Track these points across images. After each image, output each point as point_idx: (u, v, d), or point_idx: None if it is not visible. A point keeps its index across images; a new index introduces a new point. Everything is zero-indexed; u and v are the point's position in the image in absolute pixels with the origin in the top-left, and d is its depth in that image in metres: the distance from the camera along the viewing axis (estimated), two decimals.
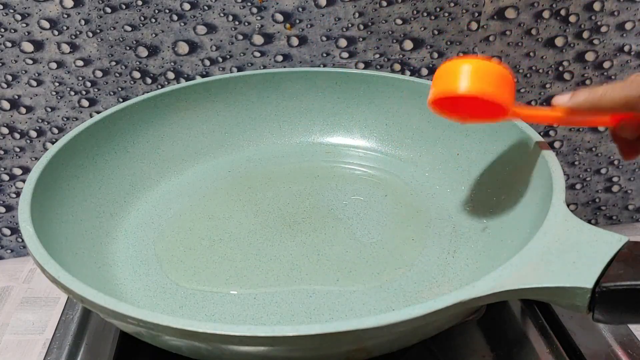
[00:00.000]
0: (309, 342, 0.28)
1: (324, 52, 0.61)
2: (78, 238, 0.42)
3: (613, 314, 0.30)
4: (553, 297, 0.30)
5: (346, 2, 0.59)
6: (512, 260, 0.31)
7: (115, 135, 0.49)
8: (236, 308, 0.39)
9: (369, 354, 0.33)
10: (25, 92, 0.60)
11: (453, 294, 0.29)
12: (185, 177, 0.52)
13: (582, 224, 0.33)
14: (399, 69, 0.63)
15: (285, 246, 0.44)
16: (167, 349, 0.33)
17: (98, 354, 0.40)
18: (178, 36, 0.59)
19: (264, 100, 0.56)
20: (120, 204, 0.47)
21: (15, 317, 0.59)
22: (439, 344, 0.40)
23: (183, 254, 0.44)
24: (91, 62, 0.59)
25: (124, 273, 0.42)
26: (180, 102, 0.54)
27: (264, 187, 0.51)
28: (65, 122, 0.62)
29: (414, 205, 0.48)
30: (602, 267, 0.30)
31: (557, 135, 0.67)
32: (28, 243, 0.35)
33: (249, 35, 0.59)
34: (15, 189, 0.66)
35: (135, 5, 0.57)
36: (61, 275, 0.32)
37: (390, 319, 0.28)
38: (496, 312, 0.42)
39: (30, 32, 0.57)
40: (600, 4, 0.61)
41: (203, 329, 0.28)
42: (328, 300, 0.39)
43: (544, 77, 0.64)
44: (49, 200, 0.41)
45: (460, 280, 0.40)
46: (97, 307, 0.30)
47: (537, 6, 0.60)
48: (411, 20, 0.60)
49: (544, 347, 0.40)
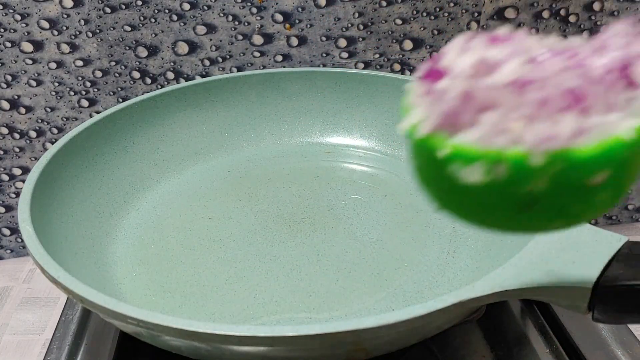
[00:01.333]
0: (308, 342, 0.28)
1: (323, 52, 0.61)
2: (78, 238, 0.42)
3: (613, 313, 0.30)
4: (553, 297, 0.30)
5: (346, 2, 0.58)
6: (512, 260, 0.31)
7: (115, 136, 0.49)
8: (236, 308, 0.39)
9: (369, 354, 0.33)
10: (25, 92, 0.60)
11: (453, 294, 0.29)
12: (184, 177, 0.52)
13: (582, 224, 0.33)
14: (399, 69, 0.63)
15: (285, 246, 0.44)
16: (167, 349, 0.33)
17: (98, 354, 0.40)
18: (178, 36, 0.59)
19: (263, 100, 0.56)
20: (119, 204, 0.47)
21: (15, 317, 0.59)
22: (438, 344, 0.40)
23: (183, 254, 0.44)
24: (91, 62, 0.59)
25: (124, 273, 0.42)
26: (180, 102, 0.54)
27: (264, 187, 0.51)
28: (64, 122, 0.62)
29: (414, 205, 0.48)
30: (602, 267, 0.30)
31: None
32: (28, 243, 0.35)
33: (248, 36, 0.59)
34: (15, 189, 0.66)
35: (134, 6, 0.57)
36: (61, 276, 0.32)
37: (390, 319, 0.28)
38: (496, 312, 0.42)
39: (30, 32, 0.57)
40: (600, 4, 0.60)
41: (203, 329, 0.28)
42: (328, 300, 0.39)
43: None
44: (48, 201, 0.41)
45: (460, 280, 0.40)
46: (97, 307, 0.30)
47: (536, 6, 0.60)
48: (411, 20, 0.60)
49: (544, 347, 0.40)
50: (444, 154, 0.19)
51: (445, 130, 0.19)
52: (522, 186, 0.19)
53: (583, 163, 0.18)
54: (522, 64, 0.19)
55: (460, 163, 0.19)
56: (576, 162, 0.18)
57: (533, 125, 0.18)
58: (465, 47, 0.20)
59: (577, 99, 0.18)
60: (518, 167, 0.18)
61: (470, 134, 0.19)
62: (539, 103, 0.18)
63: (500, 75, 0.19)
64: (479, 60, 0.19)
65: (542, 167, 0.18)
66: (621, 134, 0.18)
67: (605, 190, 0.19)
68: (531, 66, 0.19)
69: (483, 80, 0.19)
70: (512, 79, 0.18)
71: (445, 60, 0.20)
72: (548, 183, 0.18)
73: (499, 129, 0.18)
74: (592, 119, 0.18)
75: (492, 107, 0.19)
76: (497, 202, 0.20)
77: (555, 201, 0.19)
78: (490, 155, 0.18)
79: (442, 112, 0.19)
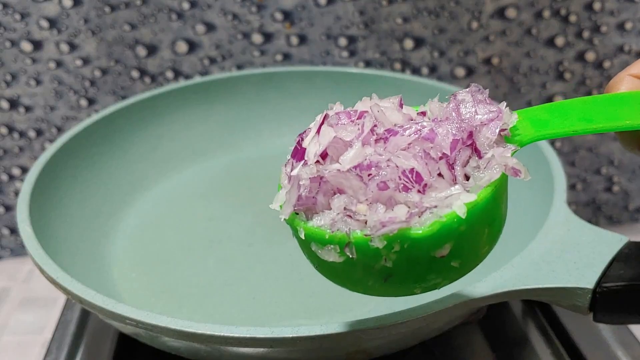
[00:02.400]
0: (308, 343, 0.28)
1: (324, 51, 0.61)
2: (77, 238, 0.41)
3: (614, 314, 0.30)
4: (554, 297, 0.30)
5: (346, 1, 0.58)
6: (513, 261, 0.31)
7: (114, 135, 0.49)
8: (235, 309, 0.39)
9: (369, 355, 0.32)
10: (24, 92, 0.60)
11: (454, 294, 0.29)
12: (184, 177, 0.52)
13: (583, 224, 0.33)
14: (400, 68, 0.63)
15: (284, 247, 0.44)
16: (166, 350, 0.33)
17: (97, 354, 0.40)
18: (177, 35, 0.59)
19: (263, 100, 0.56)
20: (118, 204, 0.47)
21: (14, 318, 0.59)
22: (439, 345, 0.39)
23: (182, 254, 0.44)
24: (90, 61, 0.59)
25: (123, 273, 0.42)
26: (180, 101, 0.53)
27: (264, 187, 0.51)
28: (64, 121, 0.62)
29: None
30: (603, 267, 0.30)
31: None
32: (26, 243, 0.35)
33: (248, 34, 0.59)
34: (15, 189, 0.66)
35: (134, 5, 0.57)
36: (60, 276, 0.32)
37: (391, 320, 0.28)
38: (497, 313, 0.42)
39: (29, 32, 0.57)
40: (600, 3, 0.60)
41: (202, 330, 0.28)
42: (328, 301, 0.39)
43: (544, 76, 0.64)
44: (47, 201, 0.41)
45: (460, 281, 0.40)
46: (96, 307, 0.30)
47: (537, 5, 0.60)
48: (412, 19, 0.60)
49: (545, 348, 0.40)
50: (302, 236, 0.21)
51: (303, 213, 0.21)
52: (373, 263, 0.20)
53: (422, 241, 0.19)
54: (363, 148, 0.20)
55: (316, 244, 0.21)
56: (415, 241, 0.19)
57: (375, 208, 0.19)
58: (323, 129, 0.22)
59: (416, 179, 0.19)
60: (364, 249, 0.20)
61: (321, 219, 0.21)
62: (379, 186, 0.19)
63: (344, 160, 0.20)
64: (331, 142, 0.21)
65: (385, 247, 0.19)
66: (456, 211, 0.19)
67: (455, 258, 0.20)
68: (375, 148, 0.20)
69: (331, 165, 0.20)
70: (355, 164, 0.20)
71: (306, 140, 0.22)
72: (396, 259, 0.20)
73: (346, 212, 0.20)
74: (431, 197, 0.20)
75: (341, 190, 0.20)
76: (359, 275, 0.21)
77: (410, 272, 0.21)
78: (338, 239, 0.20)
79: (297, 197, 0.21)
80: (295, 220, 0.21)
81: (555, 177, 0.38)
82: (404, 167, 0.20)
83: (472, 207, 0.19)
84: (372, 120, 0.21)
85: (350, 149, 0.20)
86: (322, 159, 0.21)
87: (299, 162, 0.22)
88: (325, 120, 0.22)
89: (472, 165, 0.21)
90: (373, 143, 0.21)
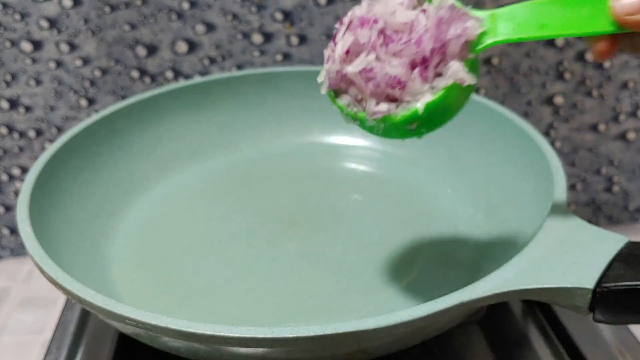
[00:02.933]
0: (308, 343, 0.28)
1: (324, 51, 0.61)
2: (77, 238, 0.41)
3: (614, 314, 0.30)
4: (554, 297, 0.30)
5: (346, 1, 0.58)
6: (512, 261, 0.31)
7: (114, 135, 0.49)
8: (235, 309, 0.39)
9: (369, 356, 0.32)
10: (24, 92, 0.60)
11: (454, 294, 0.29)
12: (184, 177, 0.52)
13: (583, 224, 0.33)
14: None
15: (284, 247, 0.44)
16: (166, 350, 0.33)
17: (97, 355, 0.40)
18: (177, 35, 0.59)
19: (263, 100, 0.56)
20: (118, 204, 0.47)
21: (14, 318, 0.59)
22: (439, 345, 0.40)
23: (182, 254, 0.44)
24: (90, 61, 0.59)
25: (123, 273, 0.42)
26: (179, 101, 0.53)
27: (264, 187, 0.51)
28: (64, 121, 0.62)
29: (414, 205, 0.48)
30: (603, 267, 0.30)
31: (557, 135, 0.67)
32: (26, 243, 0.35)
33: (248, 34, 0.59)
34: (15, 189, 0.66)
35: (134, 5, 0.57)
36: (60, 276, 0.32)
37: (390, 320, 0.28)
38: (497, 313, 0.42)
39: (29, 32, 0.57)
40: None
41: (202, 330, 0.28)
42: (327, 302, 0.39)
43: (544, 76, 0.64)
44: (47, 201, 0.41)
45: (460, 282, 0.40)
46: (96, 307, 0.30)
47: None
48: None
49: (545, 348, 0.40)
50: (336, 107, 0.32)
51: (334, 90, 0.32)
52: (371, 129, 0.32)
53: (397, 122, 0.30)
54: (367, 57, 0.29)
55: (342, 114, 0.32)
56: (393, 122, 0.30)
57: (371, 102, 0.30)
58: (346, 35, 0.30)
59: (399, 82, 0.29)
60: (364, 123, 0.31)
61: (343, 100, 0.31)
62: (374, 85, 0.29)
63: (355, 64, 0.30)
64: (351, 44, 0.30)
65: (377, 122, 0.31)
66: (418, 107, 0.29)
67: (421, 127, 0.31)
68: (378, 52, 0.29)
69: (347, 66, 0.30)
70: (360, 69, 0.29)
71: (338, 36, 0.31)
72: (384, 127, 0.31)
73: (356, 99, 0.31)
74: (407, 93, 0.29)
75: (353, 83, 0.30)
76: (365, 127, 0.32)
77: (395, 132, 0.31)
78: (351, 115, 0.31)
79: (328, 81, 0.31)
80: (330, 95, 0.32)
81: (555, 177, 0.38)
82: (391, 73, 0.29)
83: (428, 105, 0.29)
84: (382, 25, 0.29)
85: (361, 54, 0.30)
86: (346, 55, 0.30)
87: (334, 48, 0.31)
88: (349, 26, 0.30)
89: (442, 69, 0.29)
90: (379, 45, 0.29)
